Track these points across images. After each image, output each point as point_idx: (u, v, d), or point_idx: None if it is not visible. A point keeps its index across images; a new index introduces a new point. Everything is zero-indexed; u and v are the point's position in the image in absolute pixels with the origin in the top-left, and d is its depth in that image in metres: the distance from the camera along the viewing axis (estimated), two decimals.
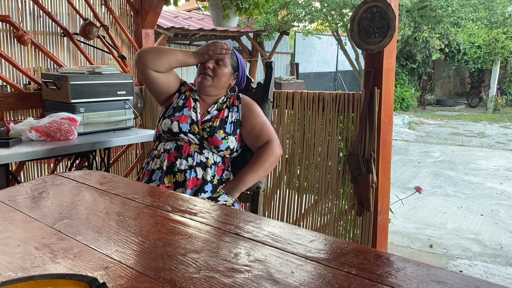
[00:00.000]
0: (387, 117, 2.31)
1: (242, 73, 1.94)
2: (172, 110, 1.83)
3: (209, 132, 1.76)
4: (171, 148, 1.76)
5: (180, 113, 1.80)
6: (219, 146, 1.75)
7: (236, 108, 1.86)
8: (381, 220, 2.36)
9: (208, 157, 1.76)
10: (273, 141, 1.81)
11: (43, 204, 1.08)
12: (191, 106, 1.83)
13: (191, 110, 1.82)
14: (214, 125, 1.78)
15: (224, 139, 1.77)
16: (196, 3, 4.82)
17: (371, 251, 0.82)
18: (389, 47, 2.21)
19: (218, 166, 1.77)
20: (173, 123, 1.77)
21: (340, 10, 9.33)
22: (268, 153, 1.78)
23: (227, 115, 1.83)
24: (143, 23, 3.37)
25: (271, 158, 1.78)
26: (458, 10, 9.14)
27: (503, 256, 3.01)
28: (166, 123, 1.79)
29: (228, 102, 1.87)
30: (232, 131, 1.81)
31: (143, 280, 0.71)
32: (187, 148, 1.75)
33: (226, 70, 1.85)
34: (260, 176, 1.78)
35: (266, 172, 1.82)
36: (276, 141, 1.83)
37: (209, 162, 1.75)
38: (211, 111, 1.84)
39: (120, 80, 2.76)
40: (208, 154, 1.76)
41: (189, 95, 1.88)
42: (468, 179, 5.14)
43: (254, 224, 0.95)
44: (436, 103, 13.25)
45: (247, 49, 9.44)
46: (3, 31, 2.70)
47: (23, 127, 2.29)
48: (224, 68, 1.84)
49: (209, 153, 1.77)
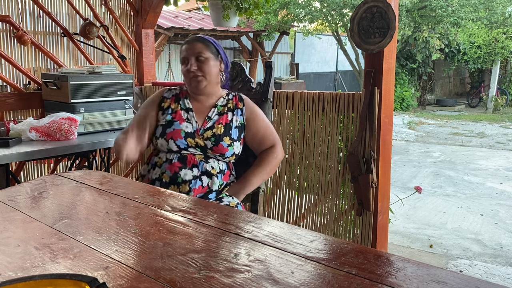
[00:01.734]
0: (387, 117, 2.31)
1: (223, 53, 1.83)
2: (161, 128, 1.73)
3: (214, 141, 1.70)
4: (174, 158, 1.69)
5: (171, 128, 1.71)
6: (224, 153, 1.71)
7: (241, 111, 1.80)
8: (381, 220, 2.36)
9: (214, 166, 1.71)
10: (277, 145, 1.83)
11: (43, 204, 1.08)
12: (182, 119, 1.73)
13: (184, 123, 1.72)
14: (219, 132, 1.71)
15: (230, 146, 1.72)
16: (196, 3, 4.82)
17: (371, 251, 0.82)
18: (389, 47, 2.21)
19: (224, 174, 1.74)
20: (169, 142, 1.69)
21: (340, 10, 9.33)
22: (273, 156, 1.80)
23: (231, 119, 1.77)
24: (143, 23, 3.37)
25: (275, 161, 1.81)
26: (458, 10, 9.14)
27: (503, 256, 3.01)
28: (163, 144, 1.70)
29: (231, 104, 1.80)
30: (237, 137, 1.75)
31: (143, 280, 0.71)
32: (192, 158, 1.69)
33: (211, 61, 1.75)
34: (264, 179, 1.81)
35: (269, 175, 1.85)
36: (280, 145, 1.84)
37: (215, 171, 1.70)
38: (212, 116, 1.76)
39: (120, 80, 2.76)
40: (213, 162, 1.71)
41: (176, 107, 1.77)
42: (468, 179, 5.14)
43: (254, 224, 0.95)
44: (436, 103, 13.24)
45: (247, 49, 9.44)
46: (3, 31, 2.70)
47: (23, 127, 2.29)
48: (208, 60, 1.74)
49: (215, 161, 1.72)
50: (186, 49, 1.76)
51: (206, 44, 1.76)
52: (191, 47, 1.75)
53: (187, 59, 1.74)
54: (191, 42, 1.76)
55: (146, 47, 3.44)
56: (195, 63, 1.73)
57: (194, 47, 1.74)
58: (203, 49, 1.74)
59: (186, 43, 1.77)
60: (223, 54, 1.83)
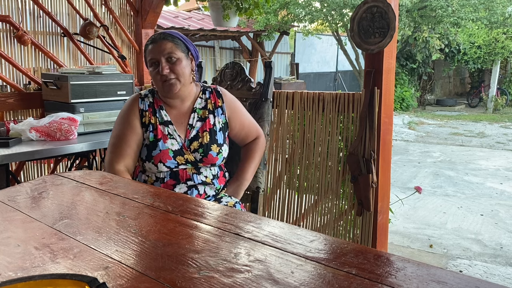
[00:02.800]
0: (387, 117, 2.31)
1: (193, 49, 1.67)
2: (146, 150, 1.60)
3: (203, 152, 1.62)
4: (166, 176, 1.61)
5: (156, 150, 1.58)
6: (215, 163, 1.66)
7: (221, 109, 1.70)
8: (381, 220, 2.36)
9: (207, 175, 1.65)
10: (261, 135, 1.84)
11: (43, 204, 1.08)
12: (165, 136, 1.61)
13: (168, 141, 1.60)
14: (205, 141, 1.63)
15: (219, 154, 1.65)
16: (196, 3, 4.82)
17: (371, 251, 0.82)
18: (389, 47, 2.21)
19: (218, 177, 1.70)
20: (158, 166, 1.59)
21: (340, 10, 9.33)
22: (260, 146, 1.82)
23: (214, 122, 1.67)
24: (143, 23, 3.37)
25: (262, 150, 1.84)
26: (458, 10, 9.14)
27: (503, 256, 3.00)
28: (151, 168, 1.60)
29: (210, 105, 1.69)
30: (223, 139, 1.68)
31: (143, 280, 0.71)
32: (184, 173, 1.62)
33: (183, 61, 1.60)
34: (255, 171, 1.82)
35: (258, 166, 1.86)
36: (263, 134, 1.86)
37: (209, 179, 1.66)
38: (194, 123, 1.65)
39: (120, 80, 2.76)
40: (206, 171, 1.65)
41: (155, 121, 1.62)
42: (468, 179, 5.14)
43: (254, 224, 0.95)
44: (436, 103, 13.25)
45: (247, 49, 9.44)
46: (3, 31, 2.70)
47: (23, 127, 2.29)
48: (180, 61, 1.59)
49: (207, 169, 1.66)
50: (154, 50, 1.58)
51: (176, 42, 1.60)
52: (160, 47, 1.57)
53: (157, 60, 1.58)
54: (159, 41, 1.58)
55: None
56: (166, 65, 1.57)
57: (164, 46, 1.57)
58: (174, 49, 1.58)
59: (153, 41, 1.59)
60: (193, 49, 1.67)
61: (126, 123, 1.63)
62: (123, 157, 1.61)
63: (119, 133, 1.63)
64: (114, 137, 1.64)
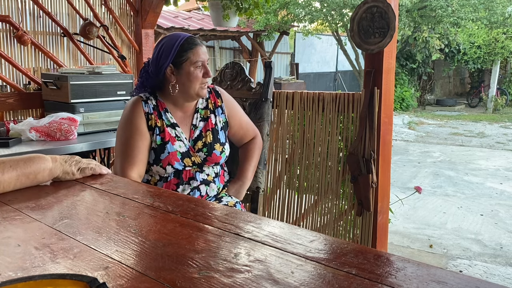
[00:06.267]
0: (387, 117, 2.31)
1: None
2: (153, 153, 1.58)
3: (207, 151, 1.64)
4: (169, 176, 1.61)
5: (165, 153, 1.57)
6: (219, 162, 1.68)
7: (221, 109, 1.72)
8: (381, 220, 2.36)
9: (209, 173, 1.67)
10: (258, 135, 1.86)
11: (43, 204, 1.08)
12: (173, 139, 1.60)
13: (176, 143, 1.60)
14: (209, 141, 1.65)
15: (222, 152, 1.67)
16: (196, 3, 4.82)
17: (371, 251, 0.82)
18: (389, 47, 2.21)
19: (220, 176, 1.71)
20: (166, 168, 1.58)
21: (340, 10, 9.34)
22: (258, 146, 1.85)
23: (215, 121, 1.70)
24: (143, 23, 3.37)
25: (260, 149, 1.86)
26: (458, 10, 9.15)
27: (503, 256, 3.01)
28: (159, 171, 1.59)
29: (210, 105, 1.71)
30: (224, 138, 1.71)
31: (143, 280, 0.71)
32: (187, 172, 1.63)
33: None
34: (255, 169, 1.84)
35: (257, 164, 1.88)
36: (259, 133, 1.87)
37: (211, 177, 1.67)
38: (197, 123, 1.67)
39: (120, 80, 2.76)
40: (208, 169, 1.67)
41: (162, 124, 1.60)
42: (468, 179, 5.14)
43: (254, 224, 0.95)
44: (436, 103, 13.25)
45: (247, 49, 9.44)
46: (3, 31, 2.70)
47: (23, 127, 2.29)
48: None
49: (209, 168, 1.67)
50: (200, 52, 1.60)
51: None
52: (204, 51, 1.62)
53: (203, 63, 1.60)
54: (199, 45, 1.61)
55: (146, 47, 3.44)
56: (208, 70, 1.62)
57: (206, 52, 1.64)
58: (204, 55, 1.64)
59: (194, 43, 1.60)
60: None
61: (133, 128, 1.58)
62: (136, 165, 1.56)
63: (128, 139, 1.58)
64: (123, 143, 1.58)
